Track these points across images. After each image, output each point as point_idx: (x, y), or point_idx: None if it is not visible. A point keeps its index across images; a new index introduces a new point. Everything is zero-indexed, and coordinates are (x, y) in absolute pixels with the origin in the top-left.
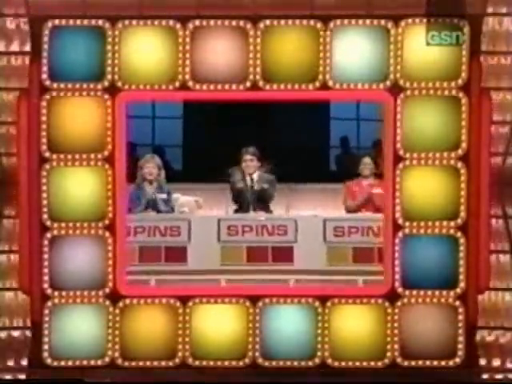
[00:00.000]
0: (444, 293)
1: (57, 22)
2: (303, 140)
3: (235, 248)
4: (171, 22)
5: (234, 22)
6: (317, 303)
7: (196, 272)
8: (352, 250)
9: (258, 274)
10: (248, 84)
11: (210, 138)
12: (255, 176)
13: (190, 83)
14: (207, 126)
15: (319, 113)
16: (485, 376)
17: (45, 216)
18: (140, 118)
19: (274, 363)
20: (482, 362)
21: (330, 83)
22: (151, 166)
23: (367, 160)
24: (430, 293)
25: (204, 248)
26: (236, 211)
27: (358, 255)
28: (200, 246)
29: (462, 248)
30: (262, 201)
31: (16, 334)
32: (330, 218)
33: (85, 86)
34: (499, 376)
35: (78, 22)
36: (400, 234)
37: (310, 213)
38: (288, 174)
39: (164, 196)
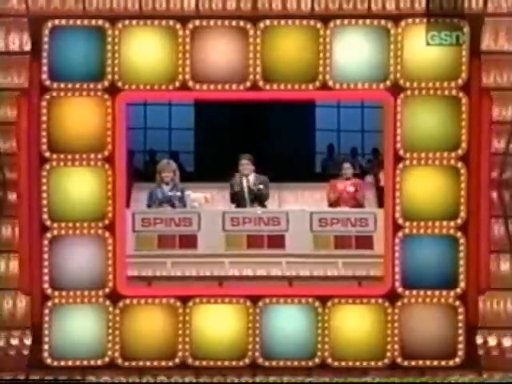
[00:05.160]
0: (444, 293)
1: (57, 22)
2: (295, 148)
3: (237, 236)
4: (171, 22)
5: (233, 22)
6: (317, 303)
7: (204, 255)
8: (333, 237)
9: (256, 258)
10: (248, 84)
11: (216, 146)
12: (251, 178)
13: (190, 83)
14: (213, 136)
15: (307, 125)
16: (485, 376)
17: (45, 216)
18: (158, 129)
19: (273, 363)
20: (482, 362)
21: (330, 83)
22: (168, 171)
23: (347, 165)
24: (429, 293)
25: (211, 236)
26: (237, 207)
27: (338, 242)
28: (208, 234)
29: (462, 248)
30: (259, 200)
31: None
32: (316, 212)
33: (85, 86)
34: (499, 376)
35: (78, 22)
36: (400, 234)
37: (299, 207)
38: (282, 175)
39: (178, 193)
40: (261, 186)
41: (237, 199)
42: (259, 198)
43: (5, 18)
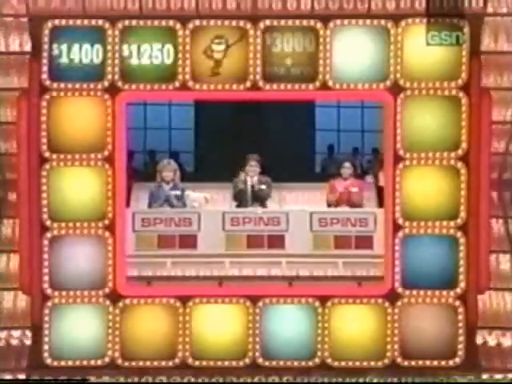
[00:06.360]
0: (444, 293)
1: (57, 22)
2: (295, 148)
3: (237, 236)
4: (171, 22)
5: (234, 22)
6: (317, 303)
7: (204, 255)
8: (333, 237)
9: (256, 258)
10: (248, 84)
11: (216, 146)
12: (255, 179)
13: (190, 83)
14: (213, 136)
15: (307, 125)
16: (485, 376)
17: (45, 216)
18: (158, 129)
19: (274, 363)
20: (482, 362)
21: (330, 83)
22: (168, 170)
23: (347, 164)
24: (429, 293)
25: (211, 236)
26: (237, 207)
27: (338, 242)
28: (208, 234)
29: (461, 248)
30: (260, 199)
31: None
32: (316, 211)
33: (85, 86)
34: (499, 376)
35: (78, 22)
36: (400, 233)
37: (298, 207)
38: (282, 175)
39: (178, 193)
40: (263, 187)
41: (239, 198)
42: (260, 198)
43: (5, 18)
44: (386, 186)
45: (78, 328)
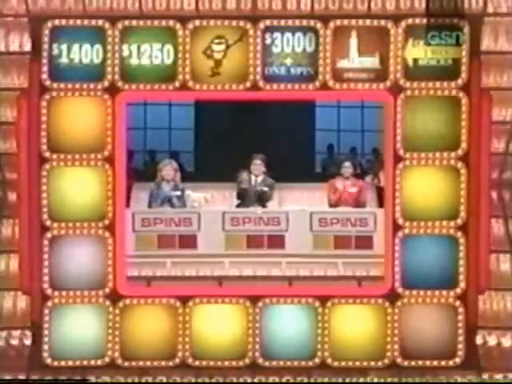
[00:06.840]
0: (444, 293)
1: (57, 22)
2: (295, 148)
3: (237, 236)
4: (171, 22)
5: (234, 22)
6: (317, 303)
7: (204, 255)
8: (333, 237)
9: (256, 258)
10: (248, 84)
11: (216, 146)
12: (259, 179)
13: (190, 83)
14: (213, 136)
15: (307, 125)
16: (485, 376)
17: (45, 216)
18: (158, 129)
19: (274, 363)
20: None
21: (330, 83)
22: (169, 169)
23: (347, 164)
24: (429, 293)
25: (211, 236)
26: (238, 206)
27: (338, 242)
28: (208, 234)
29: (461, 248)
30: (262, 200)
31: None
32: (316, 211)
33: (85, 86)
34: (499, 376)
35: (78, 21)
36: (400, 234)
37: (298, 207)
38: (282, 175)
39: (178, 193)
40: (265, 188)
41: (242, 196)
42: (262, 199)
43: (5, 18)
44: (386, 186)
45: (78, 328)
